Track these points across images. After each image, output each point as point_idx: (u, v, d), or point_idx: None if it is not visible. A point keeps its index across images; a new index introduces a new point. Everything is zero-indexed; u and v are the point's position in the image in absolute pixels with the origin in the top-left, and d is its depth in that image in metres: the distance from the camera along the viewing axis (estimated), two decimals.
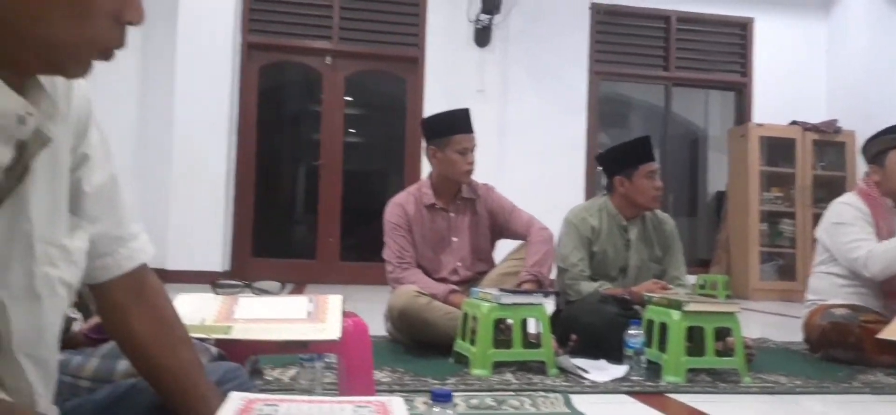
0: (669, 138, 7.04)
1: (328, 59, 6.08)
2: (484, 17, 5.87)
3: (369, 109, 6.82)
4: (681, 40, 6.69)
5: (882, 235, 2.70)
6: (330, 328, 1.31)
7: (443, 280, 2.62)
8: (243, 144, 5.89)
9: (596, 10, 6.44)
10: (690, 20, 6.68)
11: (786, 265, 6.52)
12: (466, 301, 2.27)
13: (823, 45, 6.82)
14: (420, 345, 2.46)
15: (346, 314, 1.38)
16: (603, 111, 6.79)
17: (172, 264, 5.36)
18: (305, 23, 6.04)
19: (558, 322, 2.49)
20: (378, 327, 3.00)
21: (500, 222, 2.76)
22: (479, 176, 3.44)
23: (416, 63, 6.13)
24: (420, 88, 6.10)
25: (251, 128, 5.94)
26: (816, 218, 6.14)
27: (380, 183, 6.88)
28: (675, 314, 2.17)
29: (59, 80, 0.74)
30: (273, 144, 6.47)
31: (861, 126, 6.35)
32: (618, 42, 6.59)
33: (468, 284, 2.63)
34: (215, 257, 5.55)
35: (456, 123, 2.68)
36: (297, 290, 5.32)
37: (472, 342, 2.18)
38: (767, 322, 4.46)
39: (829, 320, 2.64)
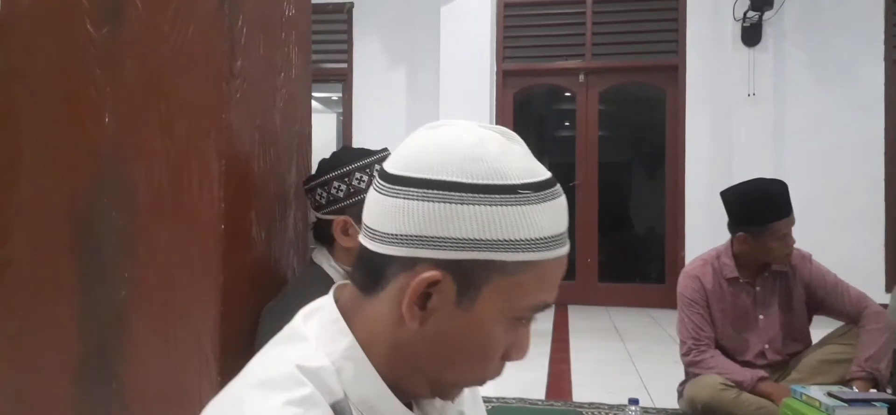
0: None
1: (581, 77, 5.96)
2: (752, 13, 5.31)
3: (626, 124, 6.56)
4: None
5: None
6: None
7: (747, 364, 2.35)
8: None
9: None
10: None
11: None
12: (787, 402, 2.02)
13: None
14: None
15: None
16: None
17: None
18: (558, 43, 5.98)
19: None
20: (664, 388, 2.84)
21: (819, 298, 2.39)
22: None
23: (675, 71, 5.75)
24: (681, 98, 5.71)
25: None
26: None
27: (639, 200, 6.60)
28: None
29: None
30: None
31: None
32: None
33: (778, 368, 2.35)
34: None
35: (774, 209, 2.29)
36: (561, 312, 5.30)
37: None
38: None
39: None
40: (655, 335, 4.54)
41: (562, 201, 0.66)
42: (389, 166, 0.65)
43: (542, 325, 4.83)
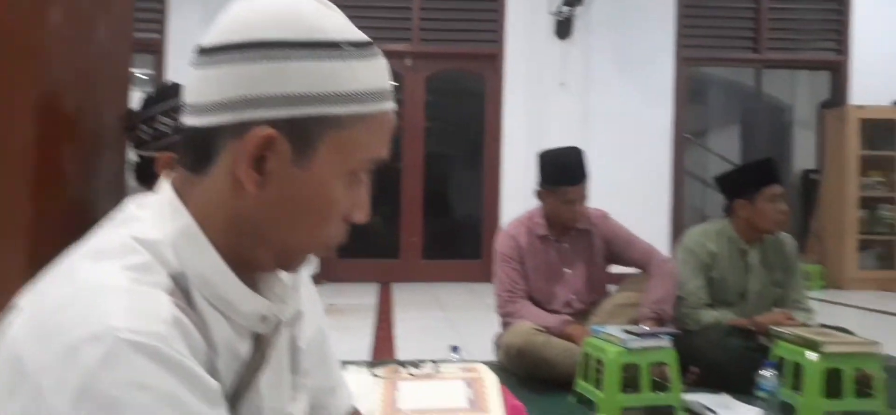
0: (756, 117, 6.78)
1: (408, 62, 6.09)
2: (565, 8, 5.75)
3: (451, 109, 6.80)
4: (773, 20, 6.39)
5: None
6: None
7: (556, 312, 2.60)
8: None
9: None
10: None
11: (885, 254, 6.22)
12: (588, 341, 2.25)
13: None
14: (534, 379, 2.44)
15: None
16: (688, 91, 6.58)
17: None
18: (385, 26, 6.05)
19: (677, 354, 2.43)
20: (482, 345, 3.02)
21: (616, 251, 2.71)
22: None
23: (495, 59, 6.07)
24: (500, 86, 6.04)
25: None
26: None
27: (462, 182, 6.88)
28: (812, 356, 2.10)
29: None
30: None
31: None
32: (706, 25, 6.36)
33: (582, 315, 2.60)
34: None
35: (564, 173, 2.60)
36: (385, 289, 5.40)
37: (597, 385, 2.16)
38: (872, 323, 4.25)
39: None
40: (474, 305, 4.79)
41: (384, 62, 0.68)
42: (206, 41, 0.64)
43: (366, 299, 4.89)
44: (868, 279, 6.07)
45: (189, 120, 0.64)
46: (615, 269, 2.82)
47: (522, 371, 2.45)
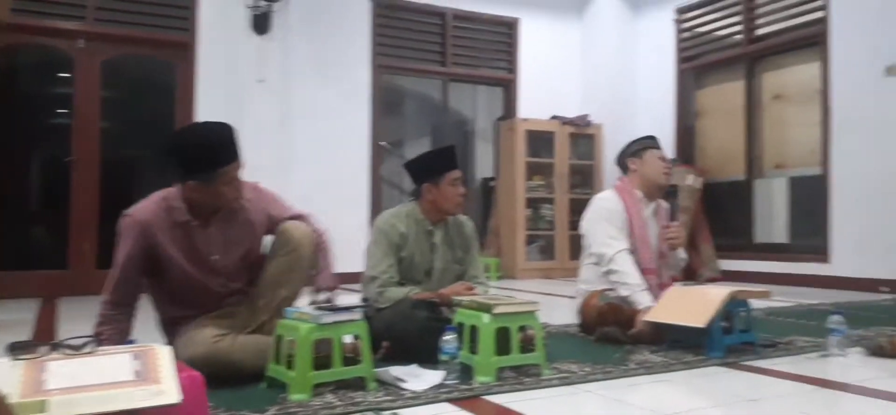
0: (444, 129, 7.38)
1: (81, 43, 5.40)
2: (263, 3, 5.62)
3: (132, 98, 6.19)
4: (456, 37, 7.02)
5: (634, 227, 3.14)
6: (168, 390, 1.18)
7: (215, 307, 2.32)
8: None
9: (377, 4, 6.50)
10: (464, 18, 7.03)
11: (547, 246, 7.21)
12: (281, 323, 2.17)
13: (578, 46, 7.60)
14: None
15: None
16: (383, 101, 6.89)
17: None
18: (54, 0, 5.30)
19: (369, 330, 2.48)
20: None
21: (271, 219, 2.43)
22: (265, 170, 3.25)
23: (186, 49, 5.69)
24: (191, 76, 5.67)
25: None
26: (572, 203, 6.97)
27: (148, 185, 6.27)
28: (486, 317, 2.30)
29: None
30: (9, 142, 5.55)
31: (607, 120, 7.22)
32: (399, 36, 6.74)
33: (240, 296, 2.40)
34: None
35: (217, 155, 2.20)
36: (48, 306, 4.64)
37: (289, 366, 2.10)
38: (539, 303, 4.86)
39: (606, 301, 3.01)
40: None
41: None
42: None
43: (24, 314, 4.20)
44: (534, 269, 6.97)
45: None
46: None
47: (211, 378, 2.19)
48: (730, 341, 2.74)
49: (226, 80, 5.66)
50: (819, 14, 5.94)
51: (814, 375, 2.46)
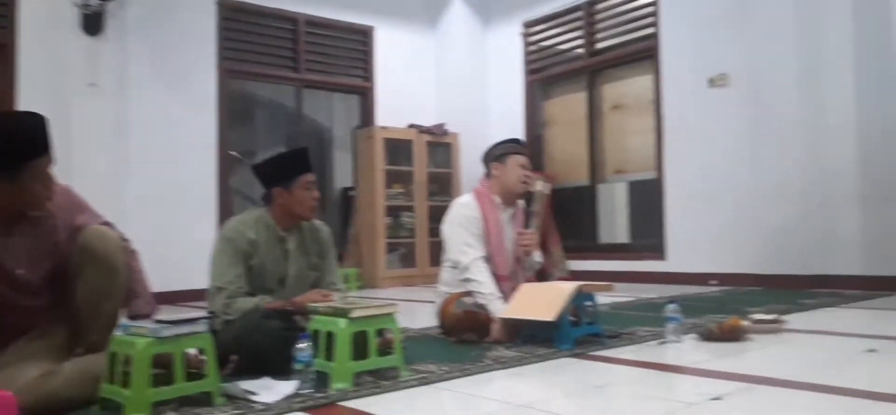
0: (299, 138, 7.19)
1: None
2: (94, 2, 5.19)
3: None
4: (309, 44, 6.87)
5: (491, 234, 3.20)
6: None
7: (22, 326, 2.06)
8: None
9: (222, 6, 6.22)
10: (317, 24, 6.90)
11: (407, 254, 7.23)
12: (115, 339, 1.98)
13: (433, 56, 7.70)
14: None
15: None
16: (232, 109, 6.60)
17: None
18: None
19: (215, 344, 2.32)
20: None
21: (75, 226, 2.16)
22: (98, 179, 2.95)
23: (5, 49, 5.13)
24: (11, 78, 5.12)
25: None
26: (431, 210, 7.04)
27: None
28: (342, 322, 2.23)
29: None
30: None
31: (463, 129, 7.37)
32: (248, 40, 6.48)
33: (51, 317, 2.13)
34: None
35: (24, 146, 1.96)
36: None
37: (125, 384, 1.91)
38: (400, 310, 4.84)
39: (462, 308, 3.02)
40: None
41: None
42: None
43: None
44: (395, 277, 6.96)
45: None
46: None
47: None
48: (578, 334, 2.86)
49: (52, 83, 5.16)
50: (650, 30, 6.42)
51: (654, 360, 2.62)
